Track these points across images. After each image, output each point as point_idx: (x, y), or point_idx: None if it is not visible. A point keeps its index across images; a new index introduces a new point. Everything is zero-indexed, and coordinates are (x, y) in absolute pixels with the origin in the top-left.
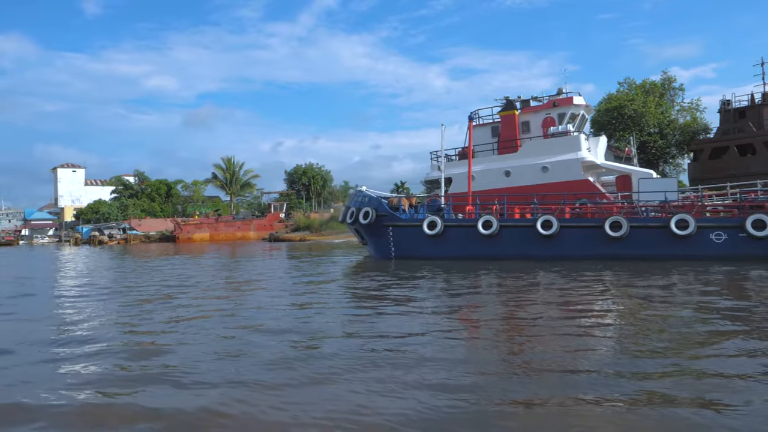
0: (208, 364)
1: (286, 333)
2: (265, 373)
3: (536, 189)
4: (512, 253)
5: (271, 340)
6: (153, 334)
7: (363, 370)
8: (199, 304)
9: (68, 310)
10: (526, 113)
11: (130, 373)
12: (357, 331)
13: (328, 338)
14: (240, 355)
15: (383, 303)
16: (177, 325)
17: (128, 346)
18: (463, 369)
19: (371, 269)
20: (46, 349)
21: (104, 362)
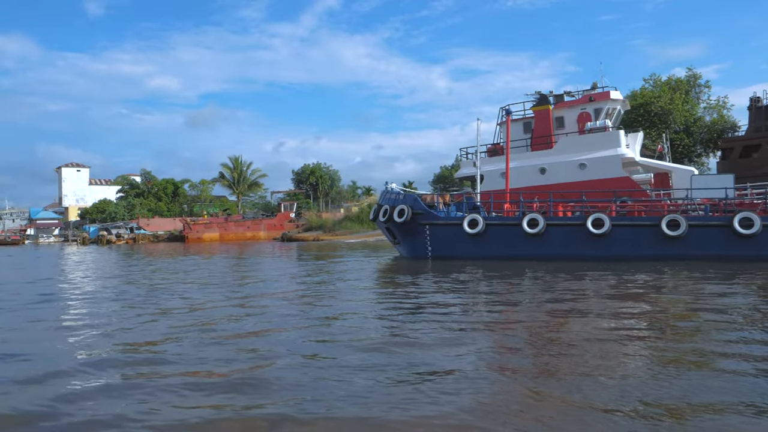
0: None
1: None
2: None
3: (573, 187)
4: (559, 253)
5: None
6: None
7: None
8: (265, 311)
9: (108, 318)
10: (560, 108)
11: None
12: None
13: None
14: (371, 389)
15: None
16: (255, 338)
17: (231, 372)
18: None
19: (413, 272)
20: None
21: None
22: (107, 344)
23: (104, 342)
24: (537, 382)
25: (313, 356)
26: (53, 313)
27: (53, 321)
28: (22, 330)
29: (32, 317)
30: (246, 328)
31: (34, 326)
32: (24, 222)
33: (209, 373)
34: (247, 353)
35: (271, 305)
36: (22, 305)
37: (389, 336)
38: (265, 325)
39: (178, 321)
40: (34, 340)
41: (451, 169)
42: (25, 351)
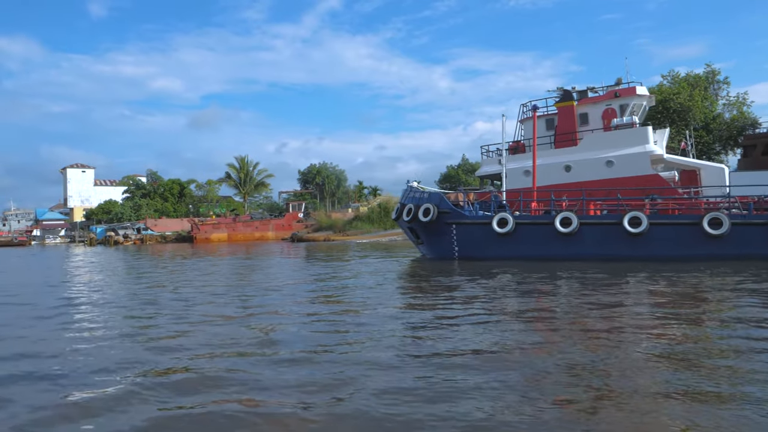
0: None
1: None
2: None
3: (600, 185)
4: (594, 253)
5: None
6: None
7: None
8: (312, 313)
9: (139, 323)
10: (584, 105)
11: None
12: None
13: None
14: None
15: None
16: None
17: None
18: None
19: (444, 273)
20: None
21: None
22: (168, 361)
23: (165, 359)
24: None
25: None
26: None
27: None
28: (72, 340)
29: (79, 327)
30: (319, 341)
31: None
32: (29, 223)
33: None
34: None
35: (326, 314)
36: (55, 311)
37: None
38: (340, 337)
39: (258, 334)
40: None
41: (457, 169)
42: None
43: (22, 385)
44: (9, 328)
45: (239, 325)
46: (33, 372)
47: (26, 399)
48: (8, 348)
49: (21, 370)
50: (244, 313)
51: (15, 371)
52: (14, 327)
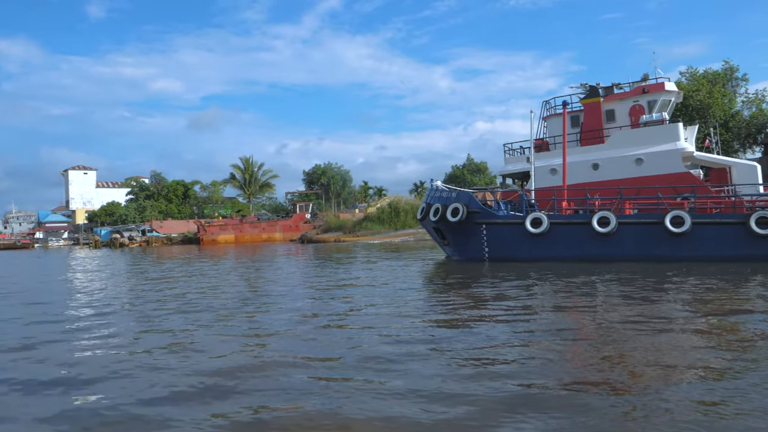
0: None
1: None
2: None
3: (629, 183)
4: (633, 254)
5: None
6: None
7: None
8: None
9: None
10: (611, 101)
11: None
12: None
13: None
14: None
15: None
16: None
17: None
18: None
19: (479, 276)
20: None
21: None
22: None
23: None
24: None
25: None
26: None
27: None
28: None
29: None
30: (375, 351)
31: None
32: (31, 225)
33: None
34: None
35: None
36: (87, 321)
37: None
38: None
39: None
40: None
41: (462, 169)
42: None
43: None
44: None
45: (324, 337)
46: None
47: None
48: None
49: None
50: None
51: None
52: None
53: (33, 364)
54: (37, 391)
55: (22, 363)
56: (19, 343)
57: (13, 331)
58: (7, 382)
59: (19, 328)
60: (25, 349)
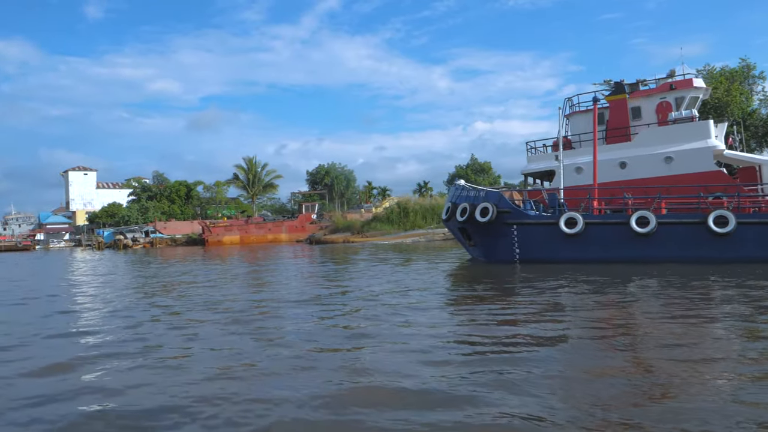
0: None
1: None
2: None
3: (658, 182)
4: (673, 256)
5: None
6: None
7: None
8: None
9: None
10: (636, 98)
11: None
12: None
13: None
14: None
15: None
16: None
17: None
18: None
19: (516, 279)
20: None
21: None
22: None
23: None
24: None
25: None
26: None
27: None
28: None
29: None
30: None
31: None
32: (30, 227)
33: None
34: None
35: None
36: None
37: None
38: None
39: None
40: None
41: (466, 169)
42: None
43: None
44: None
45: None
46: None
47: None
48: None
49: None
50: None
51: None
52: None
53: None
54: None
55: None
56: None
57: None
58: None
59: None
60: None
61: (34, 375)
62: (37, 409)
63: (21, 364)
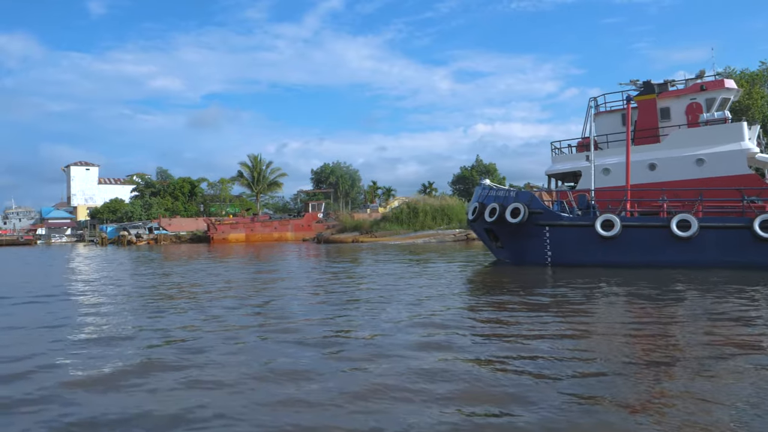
0: None
1: None
2: None
3: (689, 185)
4: (715, 261)
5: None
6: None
7: None
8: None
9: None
10: (666, 98)
11: None
12: None
13: None
14: None
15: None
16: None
17: None
18: None
19: (557, 283)
20: None
21: None
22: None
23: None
24: None
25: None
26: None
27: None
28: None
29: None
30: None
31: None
32: (30, 221)
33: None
34: None
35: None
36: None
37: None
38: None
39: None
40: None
41: (471, 170)
42: None
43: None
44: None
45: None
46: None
47: None
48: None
49: None
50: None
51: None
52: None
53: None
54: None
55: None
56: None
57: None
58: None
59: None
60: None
61: (83, 386)
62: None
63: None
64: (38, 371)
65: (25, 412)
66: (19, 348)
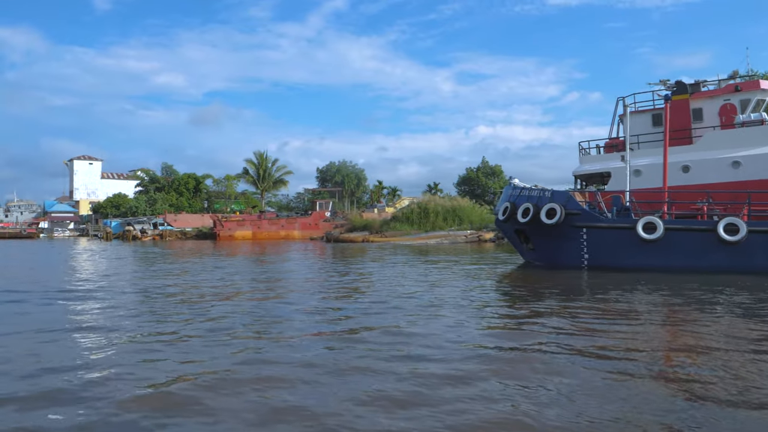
0: None
1: None
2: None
3: (725, 188)
4: (764, 266)
5: None
6: None
7: None
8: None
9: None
10: (698, 99)
11: None
12: None
13: None
14: None
15: None
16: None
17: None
18: None
19: (607, 289)
20: None
21: None
22: None
23: None
24: None
25: None
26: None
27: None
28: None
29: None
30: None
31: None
32: (32, 215)
33: None
34: None
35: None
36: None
37: None
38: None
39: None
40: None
41: (477, 171)
42: None
43: None
44: None
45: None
46: None
47: None
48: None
49: None
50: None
51: None
52: None
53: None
54: None
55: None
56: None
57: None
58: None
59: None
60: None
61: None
62: None
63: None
64: (115, 379)
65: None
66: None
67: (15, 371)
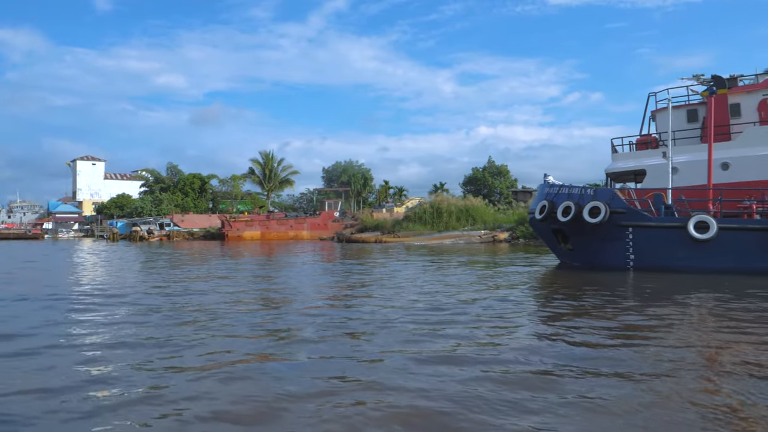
0: None
1: None
2: None
3: (767, 185)
4: None
5: None
6: None
7: None
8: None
9: None
10: (736, 94)
11: None
12: None
13: None
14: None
15: None
16: None
17: None
18: None
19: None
20: None
21: None
22: None
23: None
24: None
25: None
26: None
27: None
28: None
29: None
30: None
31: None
32: (35, 215)
33: None
34: None
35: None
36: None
37: None
38: None
39: None
40: None
41: (483, 171)
42: None
43: None
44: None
45: None
46: None
47: None
48: None
49: None
50: None
51: None
52: None
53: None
54: None
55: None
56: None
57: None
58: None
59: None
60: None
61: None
62: None
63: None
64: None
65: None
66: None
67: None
